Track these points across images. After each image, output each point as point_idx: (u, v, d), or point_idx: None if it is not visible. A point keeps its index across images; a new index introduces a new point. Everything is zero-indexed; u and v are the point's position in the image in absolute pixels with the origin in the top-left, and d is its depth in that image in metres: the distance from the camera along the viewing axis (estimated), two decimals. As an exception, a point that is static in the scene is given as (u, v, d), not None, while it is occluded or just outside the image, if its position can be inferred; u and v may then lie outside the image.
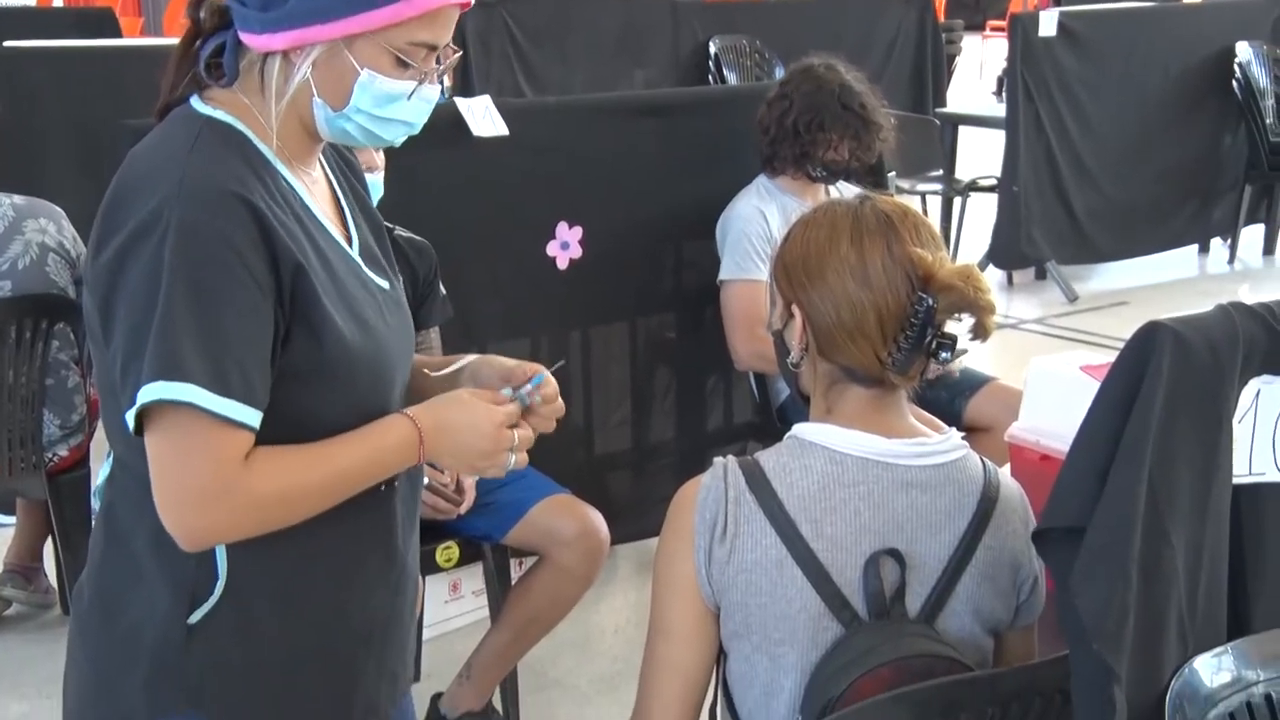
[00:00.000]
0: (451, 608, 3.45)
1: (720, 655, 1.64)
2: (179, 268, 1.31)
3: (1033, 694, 1.54)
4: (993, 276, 6.96)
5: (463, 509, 2.79)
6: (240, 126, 1.45)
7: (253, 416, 1.34)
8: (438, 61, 1.50)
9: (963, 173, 7.21)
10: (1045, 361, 2.59)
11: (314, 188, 1.53)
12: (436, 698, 2.95)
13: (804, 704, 1.56)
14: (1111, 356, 1.54)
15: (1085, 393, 1.59)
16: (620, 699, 3.16)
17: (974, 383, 3.44)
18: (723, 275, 3.39)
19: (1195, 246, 7.39)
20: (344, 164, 1.63)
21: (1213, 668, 1.52)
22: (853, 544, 1.57)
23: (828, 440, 1.60)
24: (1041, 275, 6.91)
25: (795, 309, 1.62)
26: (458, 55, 1.54)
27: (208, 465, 1.32)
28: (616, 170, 3.42)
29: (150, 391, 1.30)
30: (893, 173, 4.72)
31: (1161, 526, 1.46)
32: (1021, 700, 1.54)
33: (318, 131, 1.49)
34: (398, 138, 1.51)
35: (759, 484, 1.58)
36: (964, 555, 1.60)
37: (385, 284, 1.56)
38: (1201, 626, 1.52)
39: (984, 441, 3.20)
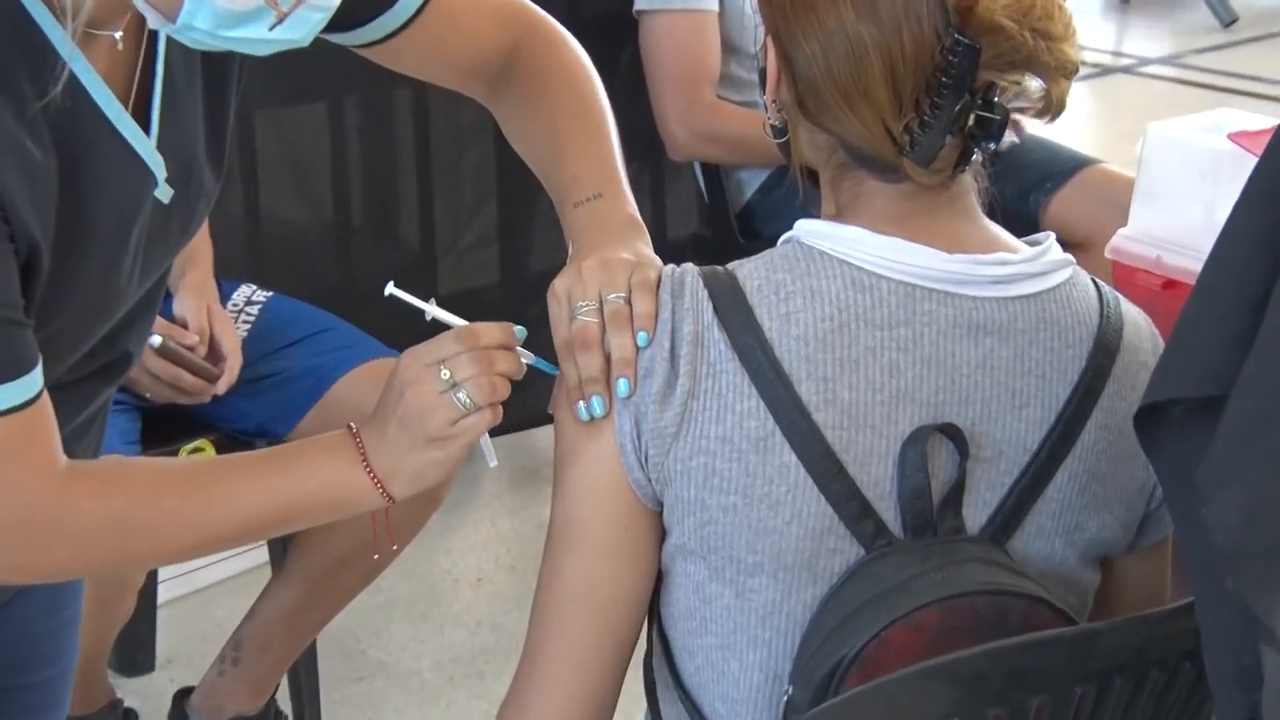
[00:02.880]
0: (205, 551, 3.51)
1: (659, 581, 1.70)
2: None
3: (1148, 662, 1.56)
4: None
5: (222, 387, 2.83)
6: None
7: None
8: None
9: None
10: (1173, 127, 2.62)
11: (110, 55, 1.64)
12: (183, 696, 2.99)
13: (796, 670, 1.60)
14: (1281, 116, 1.57)
15: (1234, 175, 1.62)
16: (487, 690, 3.23)
17: (1060, 168, 3.48)
18: (640, 2, 3.43)
19: None
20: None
21: None
22: (884, 418, 1.60)
23: (851, 248, 1.63)
24: (1176, -16, 7.00)
25: (770, 43, 1.68)
26: None
27: None
28: None
29: None
30: None
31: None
32: (1129, 672, 1.56)
33: None
34: (278, 49, 1.59)
35: (734, 312, 1.61)
36: (1063, 440, 1.65)
37: (169, 195, 1.72)
38: None
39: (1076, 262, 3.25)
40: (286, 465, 1.69)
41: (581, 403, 1.62)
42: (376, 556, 2.71)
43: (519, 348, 1.67)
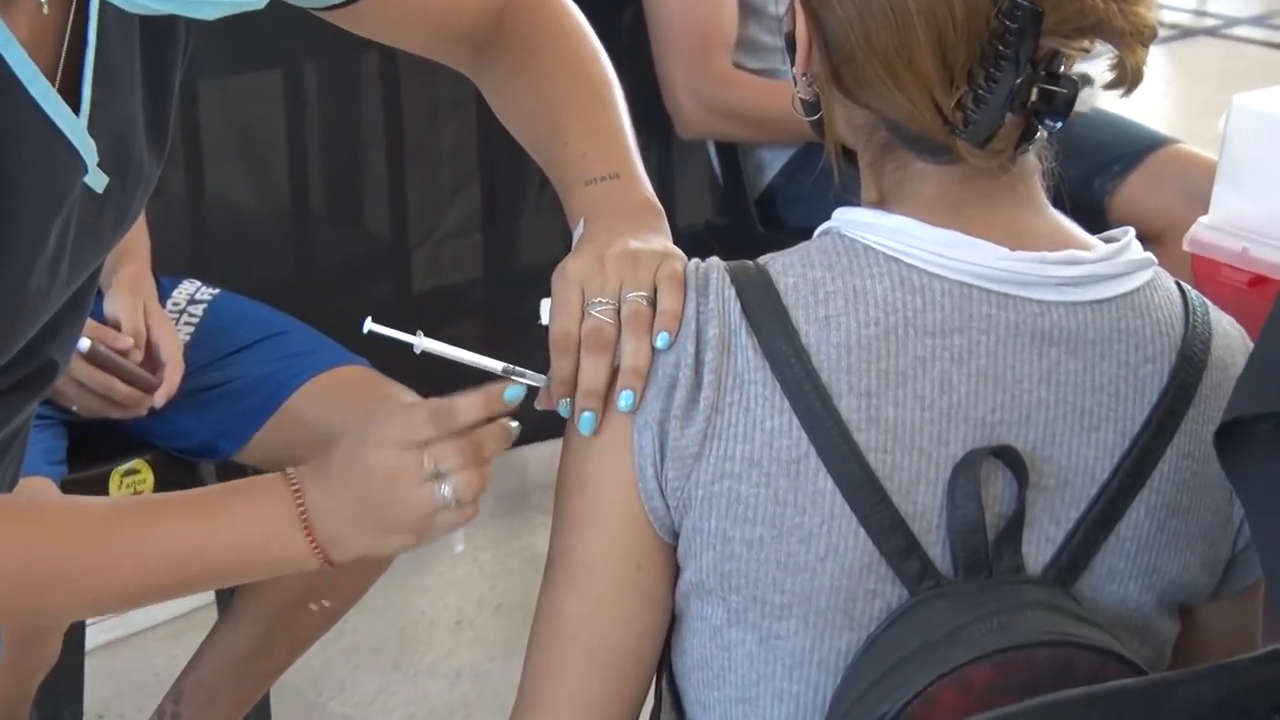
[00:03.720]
0: (143, 589, 3.50)
1: (671, 625, 1.70)
2: None
3: (1231, 715, 1.52)
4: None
5: (160, 398, 2.82)
6: None
7: None
8: None
9: None
10: (1262, 99, 2.62)
11: (34, 22, 1.62)
12: (117, 755, 3.01)
13: (829, 727, 1.55)
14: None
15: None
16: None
17: (1130, 148, 3.50)
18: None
19: None
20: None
21: None
22: (934, 439, 1.62)
23: (899, 242, 1.63)
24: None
25: (799, 6, 1.68)
26: None
27: None
28: None
29: None
30: None
31: None
32: (1212, 728, 1.50)
33: None
34: (229, 13, 1.58)
35: (766, 314, 1.62)
36: (1138, 468, 1.65)
37: (102, 184, 1.70)
38: None
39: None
40: (213, 513, 1.68)
41: (563, 403, 1.64)
42: (314, 607, 2.72)
43: (507, 394, 1.65)
